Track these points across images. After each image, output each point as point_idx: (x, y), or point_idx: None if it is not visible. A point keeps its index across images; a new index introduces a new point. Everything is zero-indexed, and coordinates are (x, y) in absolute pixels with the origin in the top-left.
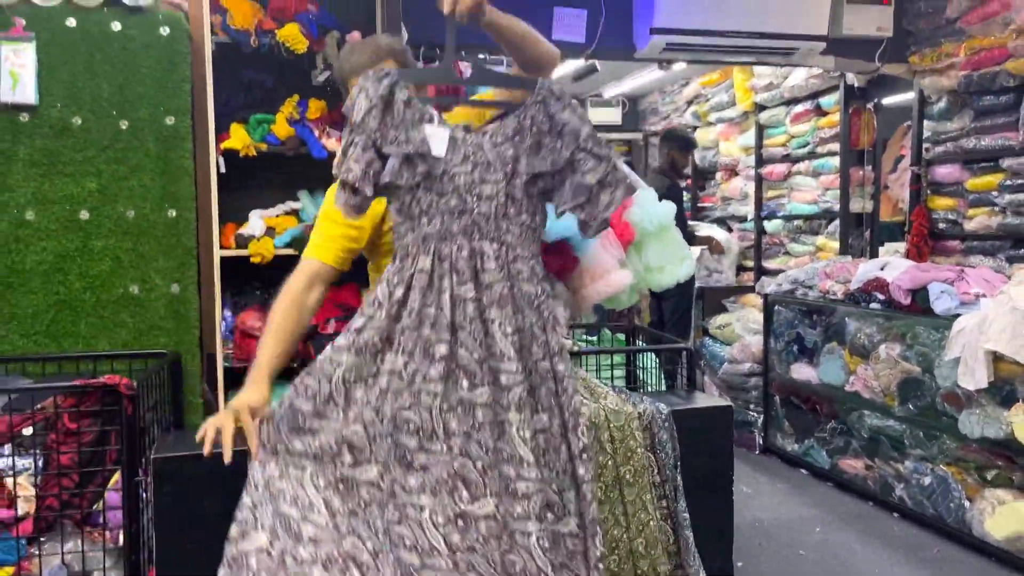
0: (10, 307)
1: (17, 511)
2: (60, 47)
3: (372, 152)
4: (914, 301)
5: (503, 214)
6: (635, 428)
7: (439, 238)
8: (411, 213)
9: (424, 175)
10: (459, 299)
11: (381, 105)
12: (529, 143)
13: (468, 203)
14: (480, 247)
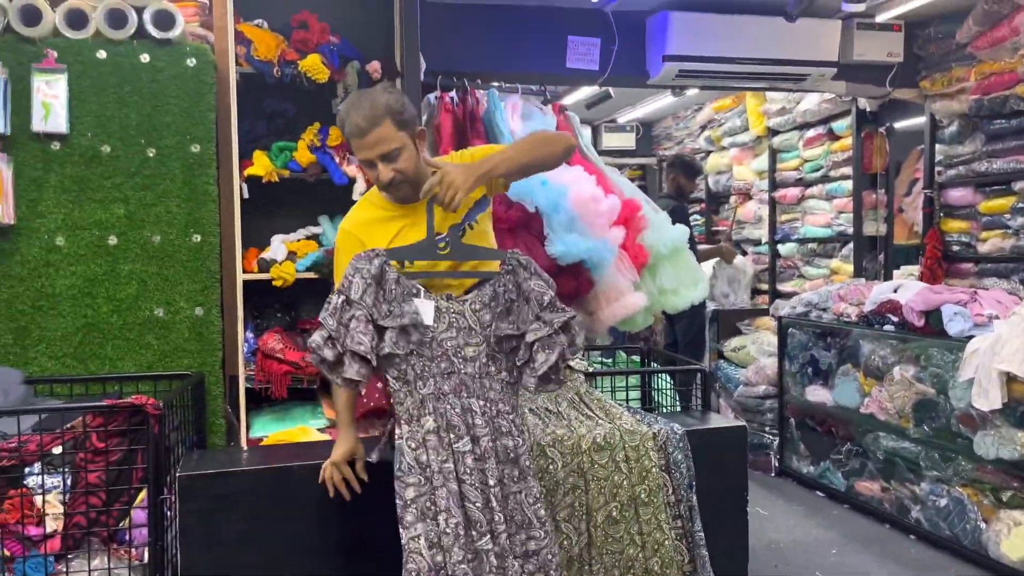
0: (40, 330)
1: (46, 528)
2: (91, 78)
3: (371, 325)
4: (927, 323)
5: (486, 373)
6: (650, 448)
7: (435, 399)
8: (407, 378)
9: (417, 343)
10: (458, 453)
11: (375, 284)
12: (501, 308)
13: (455, 365)
14: (469, 404)
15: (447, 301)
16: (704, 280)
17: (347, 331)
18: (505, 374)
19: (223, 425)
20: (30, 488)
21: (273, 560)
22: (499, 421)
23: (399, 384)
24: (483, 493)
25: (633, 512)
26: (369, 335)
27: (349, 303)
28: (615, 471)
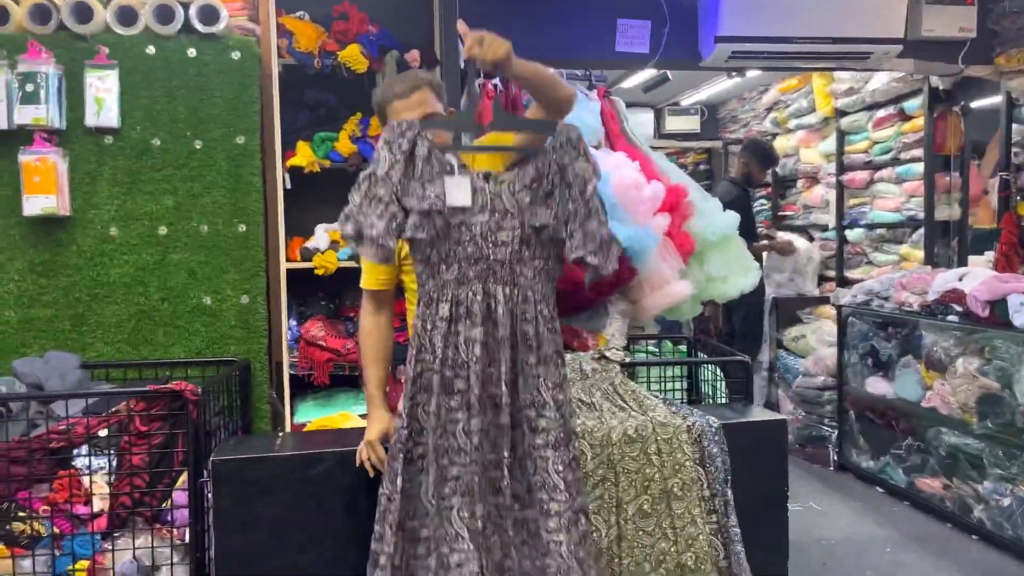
0: (96, 316)
1: (93, 508)
2: (140, 73)
3: (395, 205)
4: (993, 313)
5: (518, 259)
6: (683, 441)
7: (456, 284)
8: (431, 261)
9: (443, 227)
10: (470, 340)
11: (403, 159)
12: (543, 191)
13: (484, 250)
14: (494, 291)
15: (484, 180)
16: (755, 268)
17: (369, 213)
18: (539, 261)
19: (268, 411)
20: (78, 469)
21: (305, 544)
22: (523, 307)
23: (422, 267)
24: (486, 378)
25: (665, 506)
26: (386, 218)
27: (374, 180)
28: (646, 464)
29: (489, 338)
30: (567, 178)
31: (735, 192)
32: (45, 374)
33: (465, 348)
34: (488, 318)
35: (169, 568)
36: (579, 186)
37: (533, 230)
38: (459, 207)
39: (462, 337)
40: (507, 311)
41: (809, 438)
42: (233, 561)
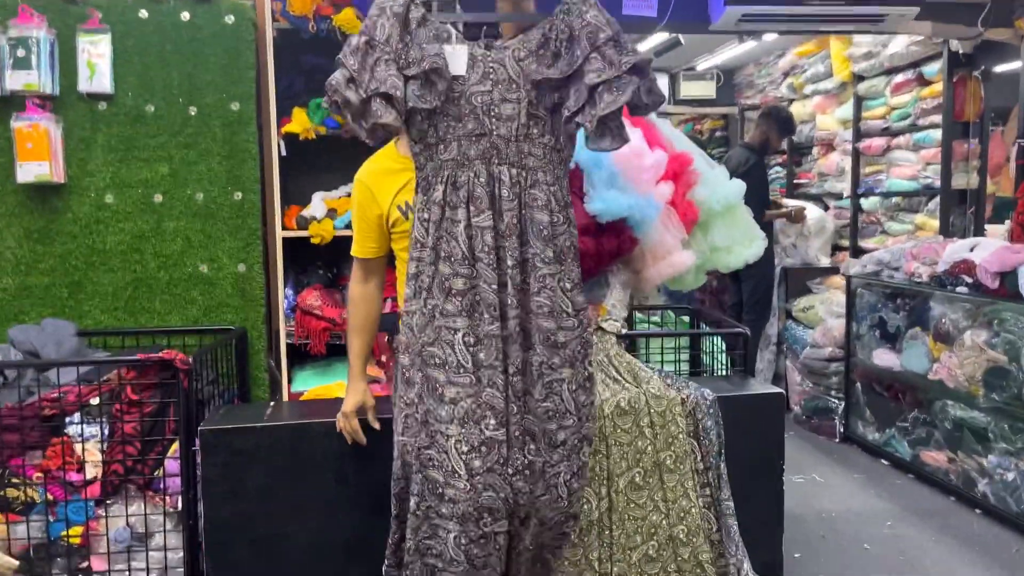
0: (92, 284)
1: (86, 475)
2: (134, 38)
3: (394, 69)
4: (1003, 285)
5: (524, 135)
6: (677, 414)
7: (456, 165)
8: (428, 140)
9: (443, 97)
10: (477, 229)
11: (399, 24)
12: (551, 54)
13: (486, 125)
14: (498, 172)
15: (484, 48)
16: (761, 238)
17: (372, 74)
18: (549, 137)
19: (266, 379)
20: (71, 436)
21: (293, 513)
22: (533, 192)
23: (420, 147)
24: (499, 274)
25: (657, 479)
26: (394, 75)
27: (372, 45)
28: (639, 436)
29: (497, 226)
30: (575, 32)
31: (751, 159)
32: (41, 341)
33: (466, 239)
34: (492, 204)
35: (163, 534)
36: (588, 37)
37: (537, 94)
38: (457, 77)
39: (461, 226)
40: (514, 195)
41: (815, 410)
42: (222, 529)
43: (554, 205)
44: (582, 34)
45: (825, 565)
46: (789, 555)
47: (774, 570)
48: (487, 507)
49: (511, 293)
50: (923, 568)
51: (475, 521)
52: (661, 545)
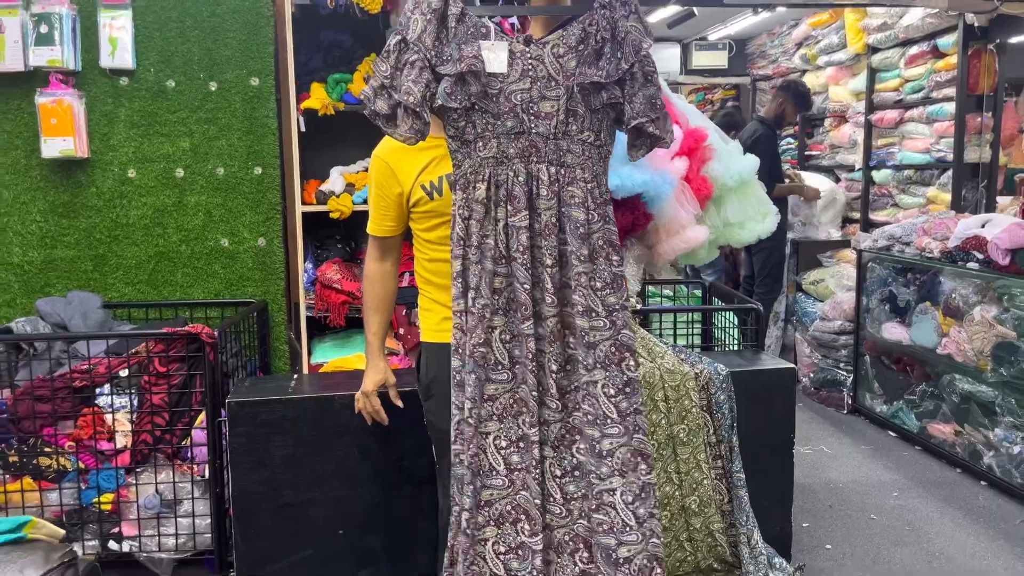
0: (116, 258)
1: (116, 444)
2: (154, 13)
3: (429, 72)
4: (1013, 261)
5: (563, 132)
6: (691, 388)
7: (495, 163)
8: (466, 137)
9: (479, 96)
10: (513, 228)
11: (436, 20)
12: (591, 50)
13: (525, 123)
14: (537, 171)
15: (523, 44)
16: (773, 213)
17: (401, 78)
18: (589, 134)
19: (287, 351)
20: (101, 407)
21: (315, 482)
22: (571, 190)
23: (456, 144)
24: (534, 273)
25: (671, 451)
26: (422, 83)
27: (405, 45)
28: (653, 410)
29: (533, 225)
30: (618, 34)
31: (761, 131)
32: (68, 314)
33: (505, 237)
34: (529, 203)
35: (191, 502)
36: (632, 44)
37: (581, 93)
38: (496, 74)
39: (500, 225)
40: (552, 193)
41: (824, 381)
42: (249, 497)
43: (591, 203)
44: (627, 40)
45: (832, 534)
46: (797, 524)
47: (783, 540)
48: (524, 508)
49: (550, 291)
50: (928, 538)
51: (512, 523)
52: (674, 515)
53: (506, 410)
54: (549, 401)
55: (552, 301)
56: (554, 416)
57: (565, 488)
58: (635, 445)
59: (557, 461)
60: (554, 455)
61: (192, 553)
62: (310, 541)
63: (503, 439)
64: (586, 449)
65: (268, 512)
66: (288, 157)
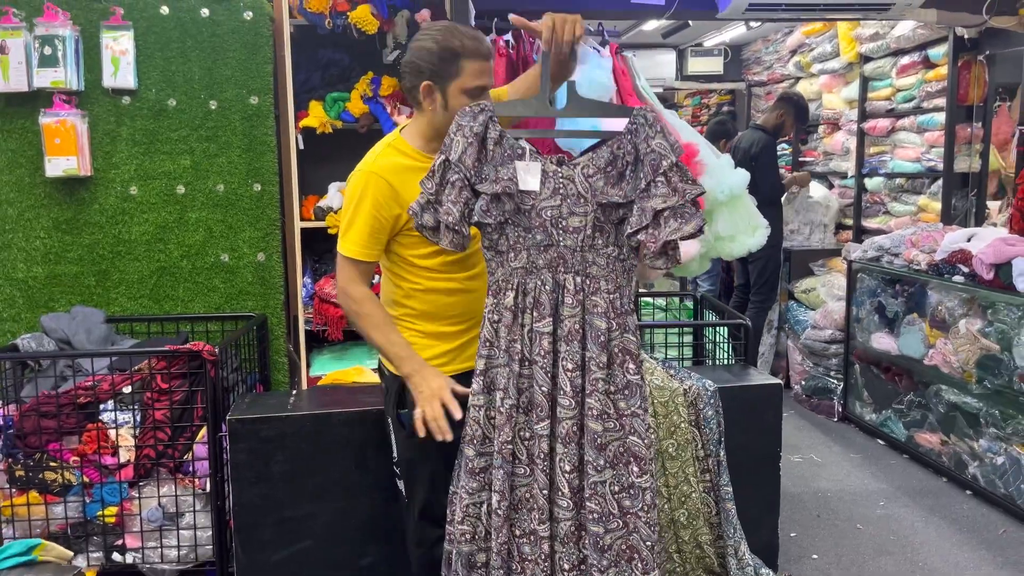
0: (119, 273)
1: (119, 459)
2: (155, 34)
3: (468, 191)
4: (997, 276)
5: (589, 246)
6: (680, 404)
7: (525, 272)
8: (499, 248)
9: (512, 212)
10: (536, 334)
11: (477, 143)
12: (616, 172)
13: (554, 237)
14: (563, 280)
15: (556, 164)
16: (763, 227)
17: (443, 197)
18: (612, 248)
19: (286, 364)
20: (105, 423)
21: (315, 496)
22: (594, 299)
23: (491, 254)
24: (552, 377)
25: (660, 465)
26: (460, 203)
27: (448, 165)
28: None
29: (556, 332)
30: (640, 155)
31: (762, 139)
32: (72, 329)
33: (529, 342)
34: (553, 311)
35: (192, 515)
36: (652, 164)
37: (603, 211)
38: (529, 192)
39: (525, 330)
40: (577, 302)
41: (815, 389)
42: (249, 510)
43: (612, 312)
44: (647, 159)
45: (819, 544)
46: (785, 534)
47: (771, 550)
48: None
49: (570, 395)
50: (912, 547)
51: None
52: (663, 528)
53: (521, 503)
54: (559, 500)
55: (570, 404)
56: (565, 514)
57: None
58: (632, 542)
59: (566, 555)
60: (563, 550)
61: (194, 565)
62: (310, 554)
63: (516, 529)
64: (590, 544)
65: (268, 525)
66: (287, 174)
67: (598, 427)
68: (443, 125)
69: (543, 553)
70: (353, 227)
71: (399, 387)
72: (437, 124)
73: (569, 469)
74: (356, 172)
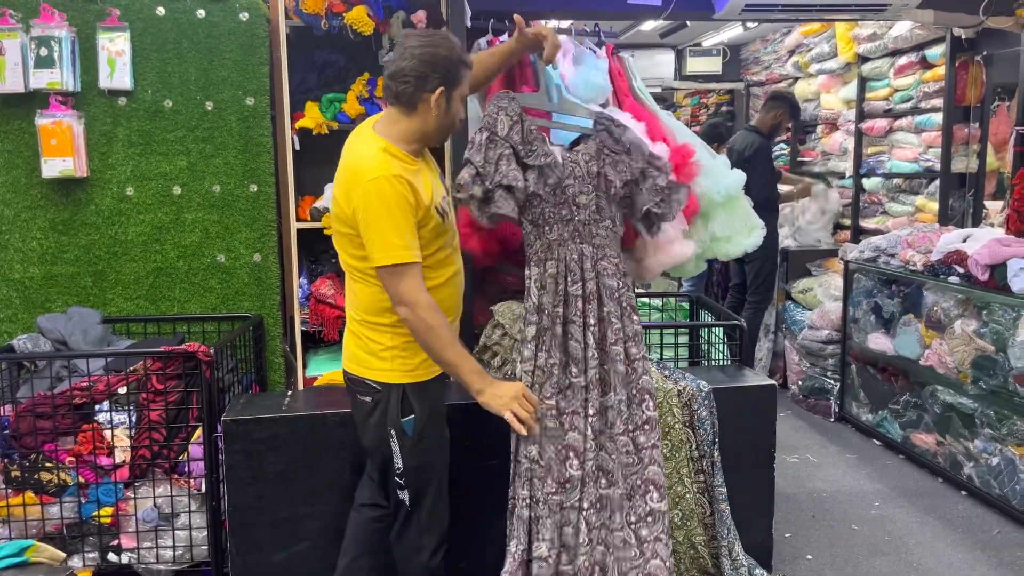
0: (115, 273)
1: (115, 459)
2: (151, 35)
3: (516, 161)
4: (992, 277)
5: (594, 220)
6: (674, 404)
7: (559, 244)
8: (537, 222)
9: (555, 184)
10: (571, 296)
11: (519, 123)
12: (608, 160)
13: (573, 211)
14: (581, 249)
15: (565, 151)
16: (759, 227)
17: (495, 167)
18: (609, 222)
19: (282, 364)
20: (100, 423)
21: (309, 497)
22: (603, 264)
23: (531, 227)
24: (585, 333)
25: None
26: (517, 170)
27: (494, 139)
28: None
29: (583, 295)
30: (625, 145)
31: (756, 141)
32: (68, 329)
33: (568, 305)
34: (581, 277)
35: (187, 515)
36: (640, 150)
37: (605, 188)
38: (558, 169)
39: (563, 295)
40: (591, 267)
41: (812, 389)
42: (244, 511)
43: (618, 273)
44: (634, 148)
45: (814, 545)
46: (780, 535)
47: (765, 550)
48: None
49: (592, 346)
50: (907, 548)
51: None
52: None
53: (556, 456)
54: (589, 443)
55: (594, 355)
56: (591, 454)
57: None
58: (649, 475)
59: (593, 480)
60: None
61: (189, 565)
62: (304, 554)
63: (550, 478)
64: (610, 473)
65: (263, 525)
66: (283, 175)
67: (623, 369)
68: (435, 130)
69: (576, 490)
70: (394, 232)
71: (401, 396)
72: (430, 128)
73: (592, 413)
74: (370, 181)
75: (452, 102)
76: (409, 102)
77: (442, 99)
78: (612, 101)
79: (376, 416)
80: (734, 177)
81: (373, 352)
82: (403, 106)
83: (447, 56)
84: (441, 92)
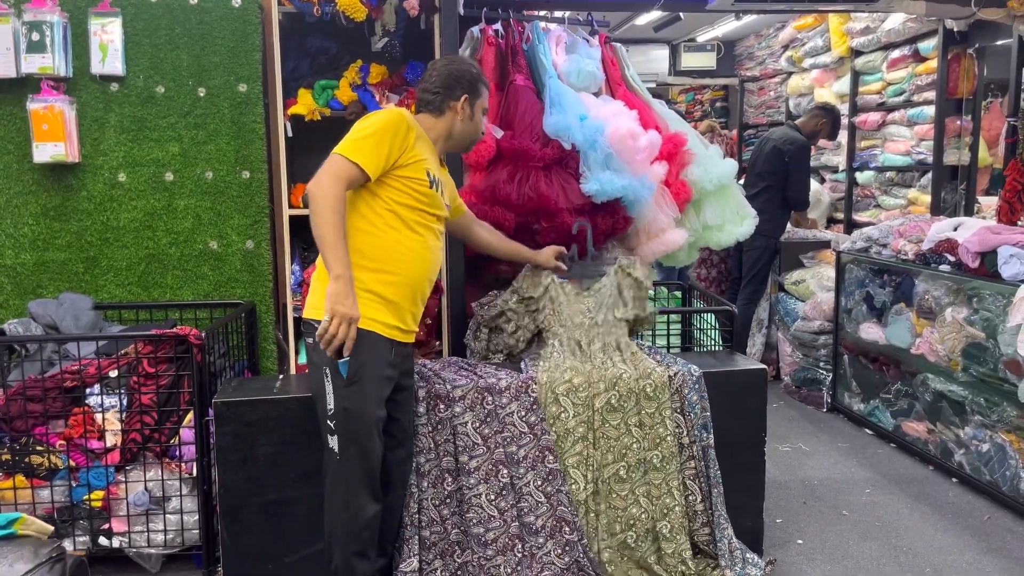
0: (107, 260)
1: (106, 443)
2: (144, 21)
3: None
4: (982, 264)
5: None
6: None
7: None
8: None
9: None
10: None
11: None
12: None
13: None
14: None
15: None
16: (751, 216)
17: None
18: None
19: (274, 351)
20: (91, 407)
21: (300, 479)
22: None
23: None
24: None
25: (641, 475)
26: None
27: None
28: (625, 434)
29: None
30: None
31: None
32: (59, 315)
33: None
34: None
35: (179, 499)
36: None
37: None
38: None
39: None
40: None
41: (804, 380)
42: (235, 494)
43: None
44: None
45: (804, 530)
46: (771, 520)
47: (755, 536)
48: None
49: None
50: (897, 533)
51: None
52: (639, 537)
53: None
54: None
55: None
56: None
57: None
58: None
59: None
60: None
61: (180, 549)
62: (294, 536)
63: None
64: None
65: (254, 508)
66: (275, 161)
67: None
68: (460, 132)
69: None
70: (362, 137)
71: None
72: (455, 130)
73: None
74: (381, 111)
75: (475, 111)
76: (438, 108)
77: (466, 106)
78: (605, 90)
79: (316, 355)
80: (726, 166)
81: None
82: (433, 111)
83: (469, 71)
84: (465, 100)
